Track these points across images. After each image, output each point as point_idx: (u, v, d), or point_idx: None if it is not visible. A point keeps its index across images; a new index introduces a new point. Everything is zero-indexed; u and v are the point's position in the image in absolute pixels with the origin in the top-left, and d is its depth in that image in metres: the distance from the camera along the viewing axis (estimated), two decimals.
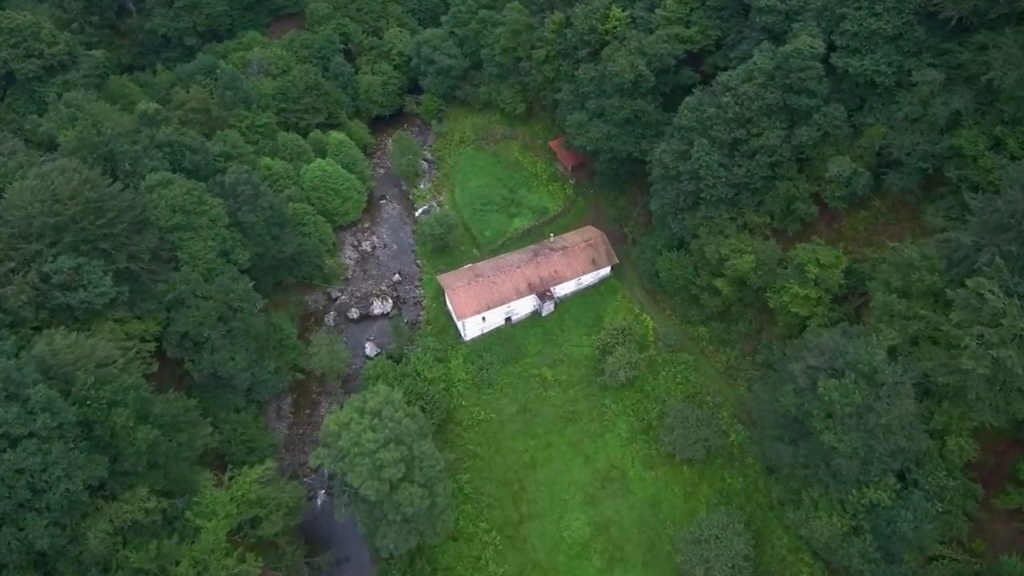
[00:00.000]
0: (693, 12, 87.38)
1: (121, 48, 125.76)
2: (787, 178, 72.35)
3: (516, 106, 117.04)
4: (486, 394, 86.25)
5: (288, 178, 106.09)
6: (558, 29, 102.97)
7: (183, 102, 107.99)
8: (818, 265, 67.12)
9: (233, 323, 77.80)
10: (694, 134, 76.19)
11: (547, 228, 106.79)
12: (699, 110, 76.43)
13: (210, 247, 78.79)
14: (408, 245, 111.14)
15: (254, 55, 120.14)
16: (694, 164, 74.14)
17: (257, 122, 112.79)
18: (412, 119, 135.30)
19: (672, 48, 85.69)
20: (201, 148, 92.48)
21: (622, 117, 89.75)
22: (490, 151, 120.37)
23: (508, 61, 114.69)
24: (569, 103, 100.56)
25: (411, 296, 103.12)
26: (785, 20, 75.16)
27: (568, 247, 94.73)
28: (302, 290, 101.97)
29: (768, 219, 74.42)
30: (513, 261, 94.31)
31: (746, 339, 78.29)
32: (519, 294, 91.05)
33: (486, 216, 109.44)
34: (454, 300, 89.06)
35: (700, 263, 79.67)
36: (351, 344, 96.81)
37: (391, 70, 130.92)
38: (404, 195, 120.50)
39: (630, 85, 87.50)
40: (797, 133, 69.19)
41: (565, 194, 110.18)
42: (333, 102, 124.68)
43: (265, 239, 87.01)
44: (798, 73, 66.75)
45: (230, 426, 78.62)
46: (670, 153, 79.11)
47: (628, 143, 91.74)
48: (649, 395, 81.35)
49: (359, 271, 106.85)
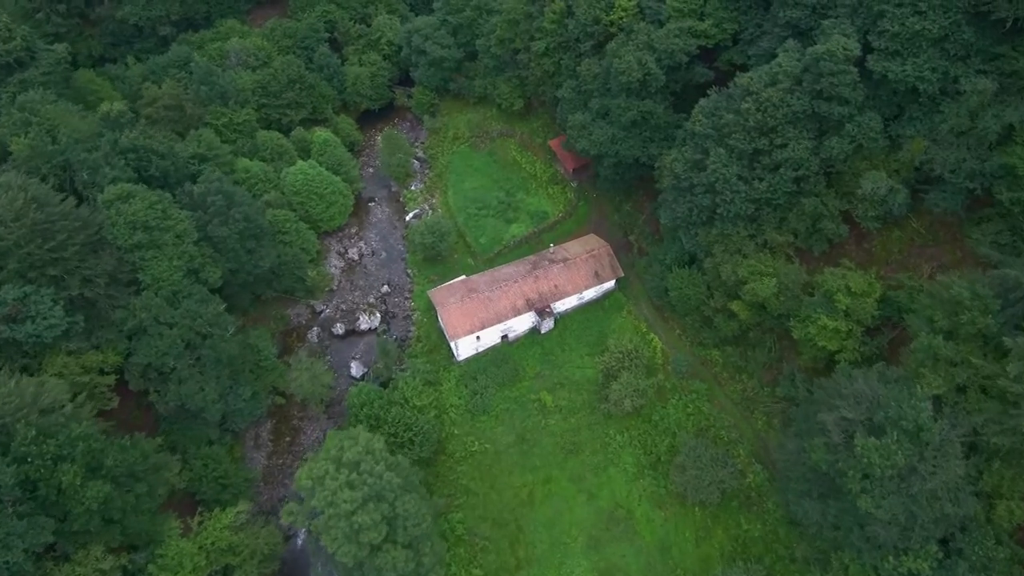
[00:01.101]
0: (708, 2, 79.26)
1: (91, 39, 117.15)
2: (814, 194, 65.04)
3: (513, 102, 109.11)
4: (480, 422, 79.81)
5: (268, 181, 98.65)
6: (559, 19, 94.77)
7: (154, 99, 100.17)
8: (849, 294, 60.19)
9: (202, 351, 71.11)
10: (709, 142, 68.73)
11: (546, 235, 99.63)
12: (715, 115, 68.88)
13: (176, 267, 71.72)
14: (398, 252, 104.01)
15: (232, 46, 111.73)
16: (710, 176, 66.80)
17: (235, 119, 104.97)
18: (403, 113, 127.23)
19: (684, 43, 77.76)
20: (170, 153, 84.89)
21: (628, 119, 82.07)
22: (486, 149, 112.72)
23: (505, 53, 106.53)
24: (570, 102, 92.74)
25: (401, 309, 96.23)
26: (812, 15, 67.33)
27: (569, 259, 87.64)
28: (283, 303, 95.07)
29: (791, 238, 67.26)
30: (510, 274, 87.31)
31: (765, 368, 71.58)
32: (516, 311, 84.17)
33: (481, 222, 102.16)
34: (446, 319, 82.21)
35: (714, 283, 72.70)
36: (336, 363, 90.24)
37: (380, 60, 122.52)
38: (394, 196, 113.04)
39: (638, 84, 79.73)
40: (827, 145, 61.75)
41: (566, 198, 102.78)
42: (318, 96, 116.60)
43: (239, 254, 79.88)
44: (830, 78, 59.15)
45: (201, 462, 72.24)
46: (682, 162, 71.68)
47: (635, 147, 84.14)
48: (657, 426, 74.90)
49: (345, 281, 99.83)
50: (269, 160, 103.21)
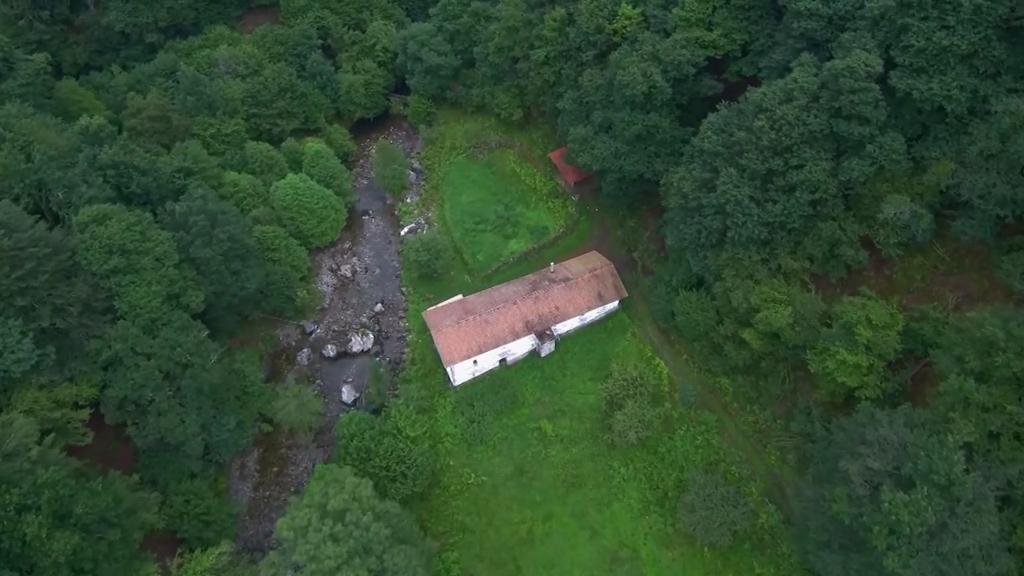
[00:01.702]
0: (716, 12, 75.33)
1: (76, 46, 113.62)
2: (831, 218, 61.18)
3: (512, 112, 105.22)
4: (477, 452, 76.00)
5: (257, 196, 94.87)
6: (559, 27, 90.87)
7: (139, 109, 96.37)
8: (870, 326, 56.32)
9: (182, 381, 67.33)
10: (719, 161, 64.87)
11: (547, 251, 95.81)
12: (725, 132, 65.02)
13: (154, 292, 67.85)
14: (393, 269, 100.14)
15: (221, 53, 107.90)
16: (720, 198, 62.93)
17: (223, 130, 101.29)
18: (399, 122, 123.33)
19: (692, 55, 73.88)
20: (152, 168, 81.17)
21: (633, 133, 78.17)
22: (484, 160, 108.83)
23: (503, 61, 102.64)
24: (571, 113, 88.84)
25: (395, 330, 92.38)
26: (829, 27, 63.43)
27: (571, 279, 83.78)
28: (272, 324, 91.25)
29: (807, 263, 63.40)
30: (508, 294, 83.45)
31: (778, 400, 67.76)
32: (515, 335, 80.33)
33: (479, 237, 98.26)
34: (441, 343, 78.37)
35: (724, 308, 68.85)
36: (326, 387, 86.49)
37: (375, 68, 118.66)
38: (389, 209, 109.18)
39: (642, 97, 75.84)
40: (846, 166, 57.86)
41: (567, 212, 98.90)
42: (310, 105, 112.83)
43: (223, 276, 76.02)
44: (850, 96, 55.26)
45: (182, 498, 68.39)
46: (690, 181, 67.81)
47: (639, 163, 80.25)
48: (664, 458, 71.07)
49: (337, 300, 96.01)
50: (258, 173, 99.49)
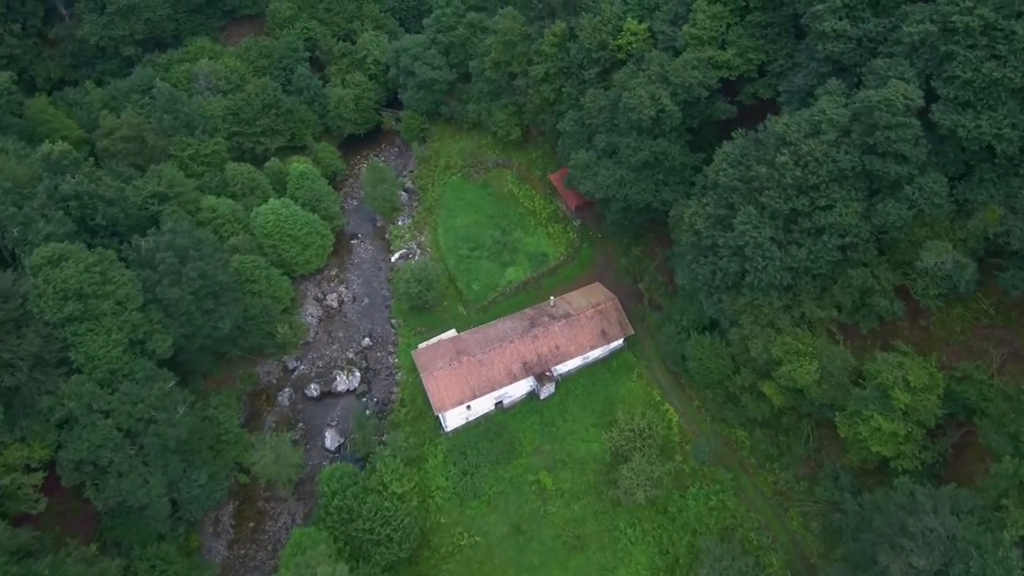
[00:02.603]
0: (730, 29, 69.21)
1: (50, 60, 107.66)
2: (863, 263, 55.05)
3: (510, 130, 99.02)
4: (471, 508, 69.95)
5: (236, 221, 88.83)
6: (559, 42, 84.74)
7: (112, 129, 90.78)
8: (907, 389, 50.23)
9: (145, 439, 61.25)
10: (736, 197, 58.74)
11: (546, 280, 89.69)
12: (743, 164, 58.87)
13: (114, 341, 61.75)
14: (383, 298, 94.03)
15: (201, 68, 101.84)
16: (738, 239, 56.81)
17: (202, 150, 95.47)
18: (391, 137, 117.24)
19: (704, 76, 67.78)
20: (120, 198, 75.13)
21: (639, 160, 72.07)
22: (480, 181, 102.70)
23: (500, 77, 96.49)
24: (573, 136, 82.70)
25: (383, 366, 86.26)
26: (858, 50, 57.29)
27: (572, 315, 77.65)
28: (252, 360, 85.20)
29: (835, 312, 57.25)
30: (505, 332, 77.35)
31: (802, 460, 61.63)
32: (512, 377, 74.26)
33: (474, 264, 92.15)
34: (432, 388, 72.27)
35: (741, 357, 62.75)
36: (309, 430, 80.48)
37: (366, 81, 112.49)
38: (380, 232, 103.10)
39: (650, 122, 69.74)
40: (880, 209, 51.70)
41: (568, 238, 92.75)
42: (297, 121, 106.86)
43: (194, 316, 69.96)
44: (886, 132, 49.12)
45: (148, 563, 62.55)
46: (703, 217, 61.69)
47: (646, 191, 74.13)
48: (675, 519, 64.99)
49: (322, 333, 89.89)
50: (239, 196, 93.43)
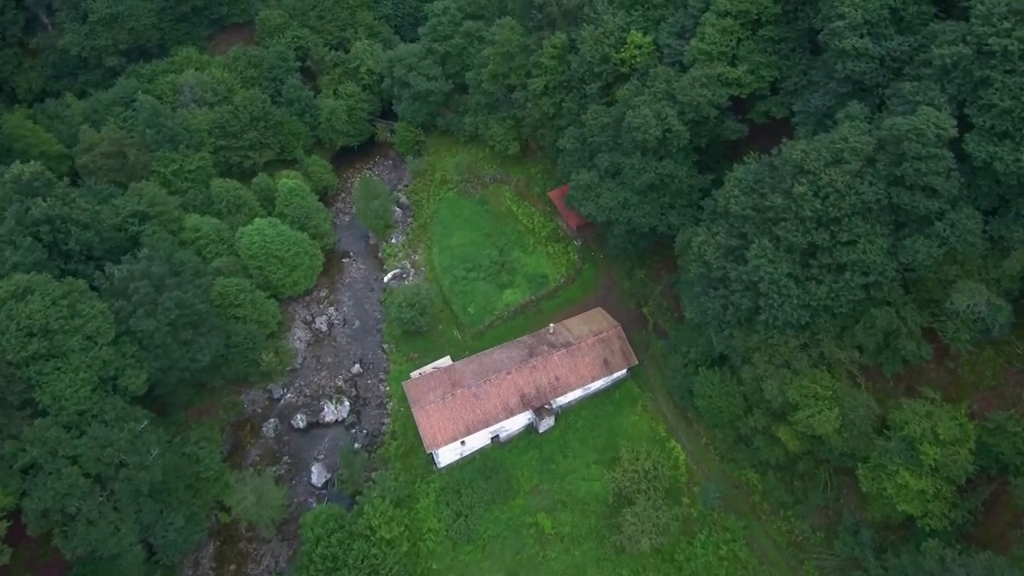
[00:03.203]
0: (741, 44, 65.02)
1: (31, 71, 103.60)
2: (887, 302, 50.87)
3: (508, 145, 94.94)
4: (464, 553, 65.75)
5: (221, 242, 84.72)
6: (560, 55, 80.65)
7: (92, 145, 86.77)
8: (936, 442, 46.07)
9: (115, 484, 57.15)
10: (749, 226, 54.57)
11: (546, 303, 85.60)
12: (756, 191, 54.67)
13: (83, 380, 57.61)
14: (374, 321, 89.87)
15: (187, 79, 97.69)
16: (751, 273, 52.66)
17: (186, 166, 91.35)
18: (385, 150, 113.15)
19: (713, 95, 63.61)
20: (95, 221, 71.12)
21: (644, 182, 67.90)
22: (477, 196, 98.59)
23: (498, 90, 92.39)
24: (573, 154, 78.57)
25: (374, 394, 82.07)
26: (881, 70, 53.15)
27: (573, 344, 73.48)
28: (236, 387, 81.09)
29: (856, 354, 53.05)
30: (502, 361, 73.13)
31: (819, 510, 57.41)
32: (509, 411, 70.11)
33: (471, 286, 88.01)
34: (423, 424, 68.09)
35: (754, 397, 58.60)
36: (295, 464, 76.34)
37: (359, 92, 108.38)
38: (373, 250, 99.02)
39: (655, 142, 65.61)
40: (908, 246, 47.51)
41: (568, 259, 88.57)
42: (287, 134, 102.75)
43: (171, 348, 65.83)
44: (915, 163, 44.99)
45: None
46: (713, 247, 57.49)
47: (651, 215, 69.96)
48: (683, 569, 60.79)
49: (310, 358, 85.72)
50: (225, 214, 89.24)
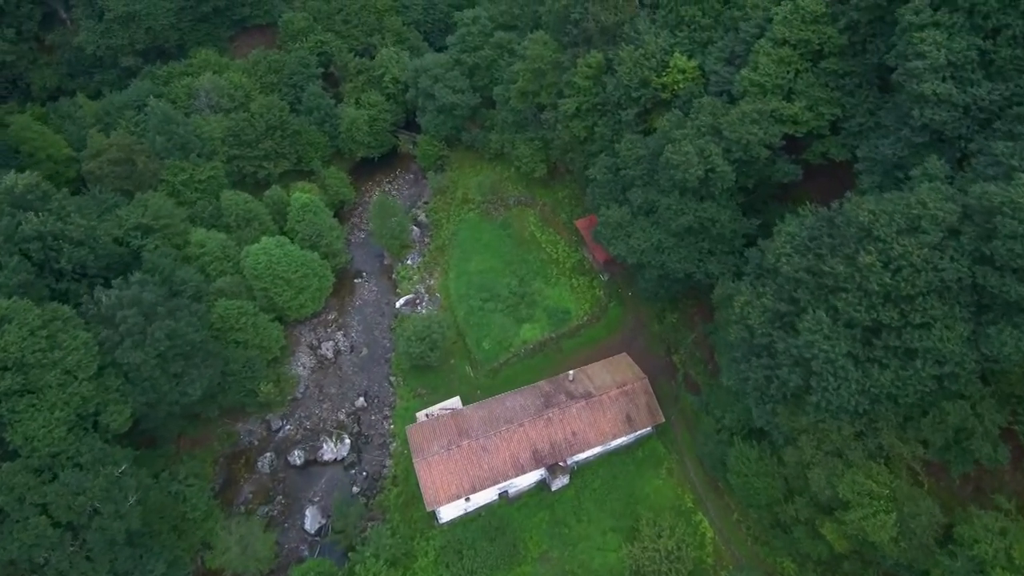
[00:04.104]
0: (799, 77, 57.96)
1: (46, 68, 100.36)
2: (962, 396, 43.70)
3: (535, 167, 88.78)
4: None
5: (227, 259, 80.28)
6: (595, 75, 74.22)
7: (99, 151, 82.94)
8: (1011, 566, 38.98)
9: (88, 533, 52.60)
10: (803, 292, 47.66)
11: (566, 342, 79.35)
12: (812, 251, 47.73)
13: (58, 419, 53.11)
14: (383, 349, 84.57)
15: (203, 83, 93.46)
16: (803, 348, 45.85)
17: (197, 176, 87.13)
18: (407, 162, 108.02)
19: (766, 133, 56.75)
20: (90, 237, 66.89)
21: (681, 225, 61.29)
22: (499, 219, 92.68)
23: (526, 108, 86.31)
24: (604, 186, 72.12)
25: (377, 432, 76.76)
26: (964, 119, 45.94)
27: (594, 395, 67.12)
28: (232, 416, 76.49)
29: (920, 449, 45.94)
30: (515, 410, 67.11)
31: None
32: (519, 468, 64.12)
33: (487, 318, 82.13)
34: (425, 478, 62.35)
35: (797, 483, 51.71)
36: (289, 505, 71.42)
37: (382, 101, 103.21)
38: (387, 271, 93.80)
39: (696, 182, 58.94)
40: (993, 336, 40.24)
41: (594, 294, 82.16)
42: (304, 144, 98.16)
43: (159, 382, 61.21)
44: (1009, 242, 37.85)
45: None
46: (759, 311, 50.65)
47: (688, 260, 63.29)
48: None
49: (313, 387, 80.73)
50: (234, 228, 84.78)
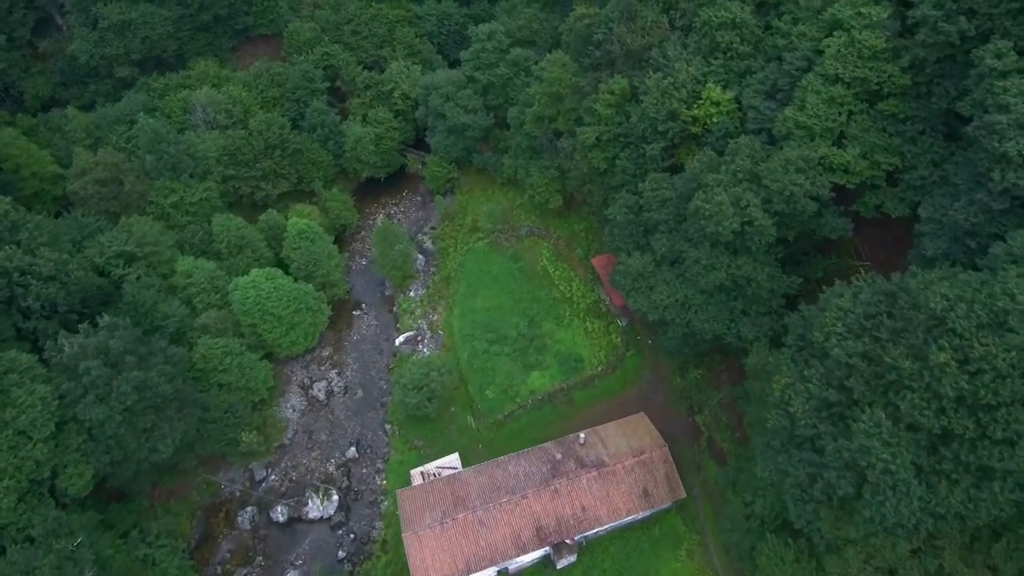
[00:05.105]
0: (852, 119, 50.60)
1: (39, 76, 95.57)
2: None
3: (549, 198, 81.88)
4: None
5: (214, 290, 74.42)
6: (618, 102, 67.28)
7: (84, 169, 77.66)
8: None
9: None
10: (856, 380, 40.32)
11: (578, 393, 72.49)
12: (868, 332, 40.41)
13: (8, 488, 47.48)
14: (379, 391, 78.26)
15: (199, 98, 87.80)
16: (855, 452, 38.56)
17: (188, 198, 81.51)
18: (415, 183, 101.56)
19: (813, 184, 49.47)
20: (61, 271, 61.29)
21: (712, 282, 54.09)
22: (509, 251, 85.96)
23: (542, 134, 79.53)
24: (624, 228, 64.93)
25: (368, 488, 70.37)
26: None
27: (607, 464, 60.10)
28: (213, 464, 70.65)
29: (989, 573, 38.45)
30: (518, 477, 60.30)
31: None
32: (520, 547, 57.34)
33: (492, 362, 75.53)
34: (414, 556, 55.79)
35: None
36: (268, 569, 65.30)
37: (391, 118, 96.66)
38: (388, 302, 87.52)
39: (731, 235, 51.73)
40: None
41: (610, 341, 75.10)
42: (306, 163, 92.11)
43: (126, 439, 55.37)
44: None
45: None
46: (803, 397, 43.33)
47: (718, 322, 56.04)
48: None
49: (302, 432, 74.60)
50: (226, 255, 78.99)
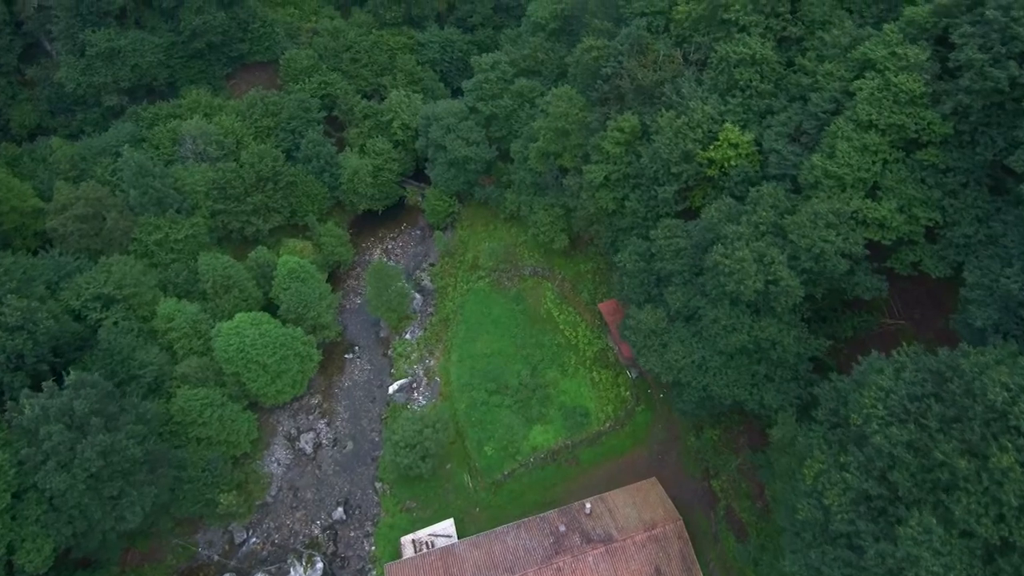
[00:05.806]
0: (888, 169, 46.07)
1: (26, 104, 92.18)
2: None
3: (554, 237, 77.42)
4: None
5: (197, 335, 70.04)
6: (628, 140, 63.11)
7: (65, 204, 73.86)
8: None
9: None
10: (901, 473, 35.35)
11: (584, 451, 67.38)
12: (914, 418, 35.53)
13: None
14: (371, 445, 73.30)
15: (189, 128, 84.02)
16: (901, 559, 33.48)
17: (174, 235, 77.44)
18: (415, 216, 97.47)
19: (844, 240, 44.84)
20: (29, 320, 56.93)
21: (732, 344, 49.24)
22: (512, 292, 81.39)
23: (547, 170, 75.36)
24: (635, 278, 60.26)
25: (355, 555, 65.14)
26: None
27: (616, 540, 54.96)
28: (190, 525, 65.64)
29: None
30: (517, 553, 55.30)
31: None
32: None
33: (492, 415, 70.63)
34: None
35: None
36: None
37: (390, 149, 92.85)
38: (383, 344, 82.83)
39: (754, 294, 47.01)
40: None
41: (619, 394, 70.09)
42: (300, 195, 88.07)
43: (90, 509, 50.57)
44: None
45: None
46: (840, 488, 38.27)
47: (738, 386, 51.03)
48: None
49: (287, 489, 69.61)
50: (211, 296, 74.65)
